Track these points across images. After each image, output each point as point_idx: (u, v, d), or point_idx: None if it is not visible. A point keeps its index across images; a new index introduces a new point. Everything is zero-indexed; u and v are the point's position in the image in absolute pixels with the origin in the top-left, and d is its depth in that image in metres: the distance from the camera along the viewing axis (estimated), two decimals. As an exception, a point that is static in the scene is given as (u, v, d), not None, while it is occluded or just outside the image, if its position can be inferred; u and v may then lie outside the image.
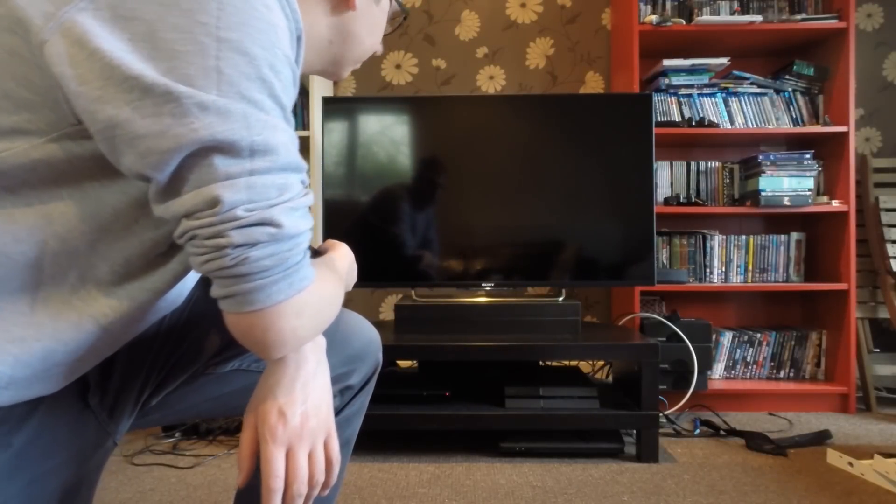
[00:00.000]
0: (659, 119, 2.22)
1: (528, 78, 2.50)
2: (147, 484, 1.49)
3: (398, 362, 2.20)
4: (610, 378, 2.23)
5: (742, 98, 2.25)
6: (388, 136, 1.92)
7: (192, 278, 0.69)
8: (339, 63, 0.69)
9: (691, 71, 2.24)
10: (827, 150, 2.27)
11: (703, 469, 1.57)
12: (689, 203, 2.25)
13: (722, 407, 2.13)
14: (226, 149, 0.46)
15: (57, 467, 0.61)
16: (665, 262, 2.28)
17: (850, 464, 1.54)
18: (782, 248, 2.29)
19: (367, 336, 0.82)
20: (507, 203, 1.91)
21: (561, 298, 1.87)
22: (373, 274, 1.91)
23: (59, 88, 0.47)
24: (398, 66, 2.51)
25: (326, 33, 0.65)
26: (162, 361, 0.72)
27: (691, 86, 2.25)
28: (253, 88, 0.47)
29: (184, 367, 0.74)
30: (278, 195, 0.49)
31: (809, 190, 2.14)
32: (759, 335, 2.27)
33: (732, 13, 2.31)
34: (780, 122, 2.24)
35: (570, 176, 1.91)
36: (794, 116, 2.26)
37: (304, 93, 2.27)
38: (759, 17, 2.15)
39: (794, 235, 2.29)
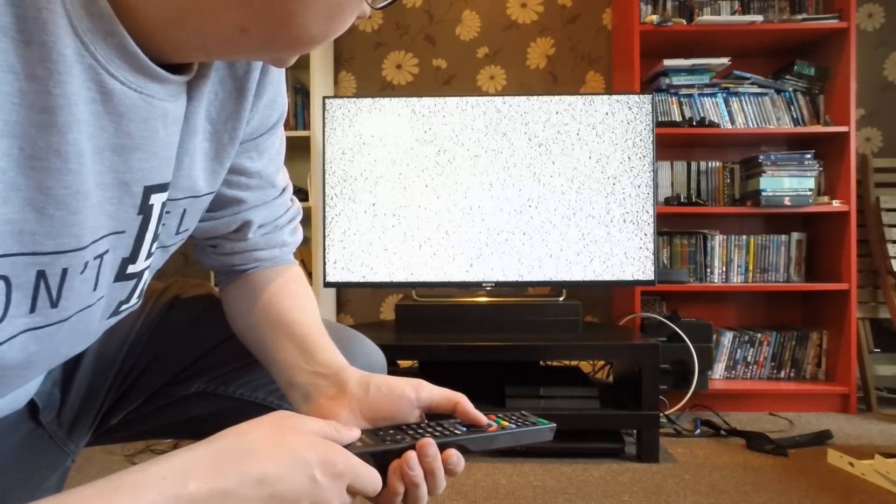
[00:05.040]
0: (660, 119, 2.22)
1: (529, 78, 2.50)
2: (147, 483, 1.48)
3: (398, 362, 2.20)
4: (610, 378, 2.23)
5: (743, 98, 2.25)
6: (389, 136, 1.91)
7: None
8: (269, 50, 0.46)
9: (692, 71, 2.24)
10: (828, 150, 2.27)
11: (703, 469, 1.57)
12: (689, 203, 2.25)
13: (722, 407, 2.13)
14: None
15: (7, 490, 0.58)
16: (666, 262, 2.28)
17: (851, 464, 1.54)
18: (783, 248, 2.29)
19: (363, 363, 0.69)
20: (508, 203, 1.91)
21: (561, 298, 1.87)
22: (373, 274, 1.91)
23: None
24: (399, 66, 2.51)
25: (235, 18, 0.41)
26: (121, 379, 0.69)
27: (692, 86, 2.25)
28: None
29: (144, 387, 0.70)
30: None
31: (810, 190, 2.14)
32: (759, 335, 2.27)
33: (733, 13, 2.30)
34: (781, 122, 2.24)
35: (571, 176, 1.91)
36: (795, 116, 2.25)
37: (304, 93, 2.27)
38: (759, 17, 2.15)
39: (795, 235, 2.29)
